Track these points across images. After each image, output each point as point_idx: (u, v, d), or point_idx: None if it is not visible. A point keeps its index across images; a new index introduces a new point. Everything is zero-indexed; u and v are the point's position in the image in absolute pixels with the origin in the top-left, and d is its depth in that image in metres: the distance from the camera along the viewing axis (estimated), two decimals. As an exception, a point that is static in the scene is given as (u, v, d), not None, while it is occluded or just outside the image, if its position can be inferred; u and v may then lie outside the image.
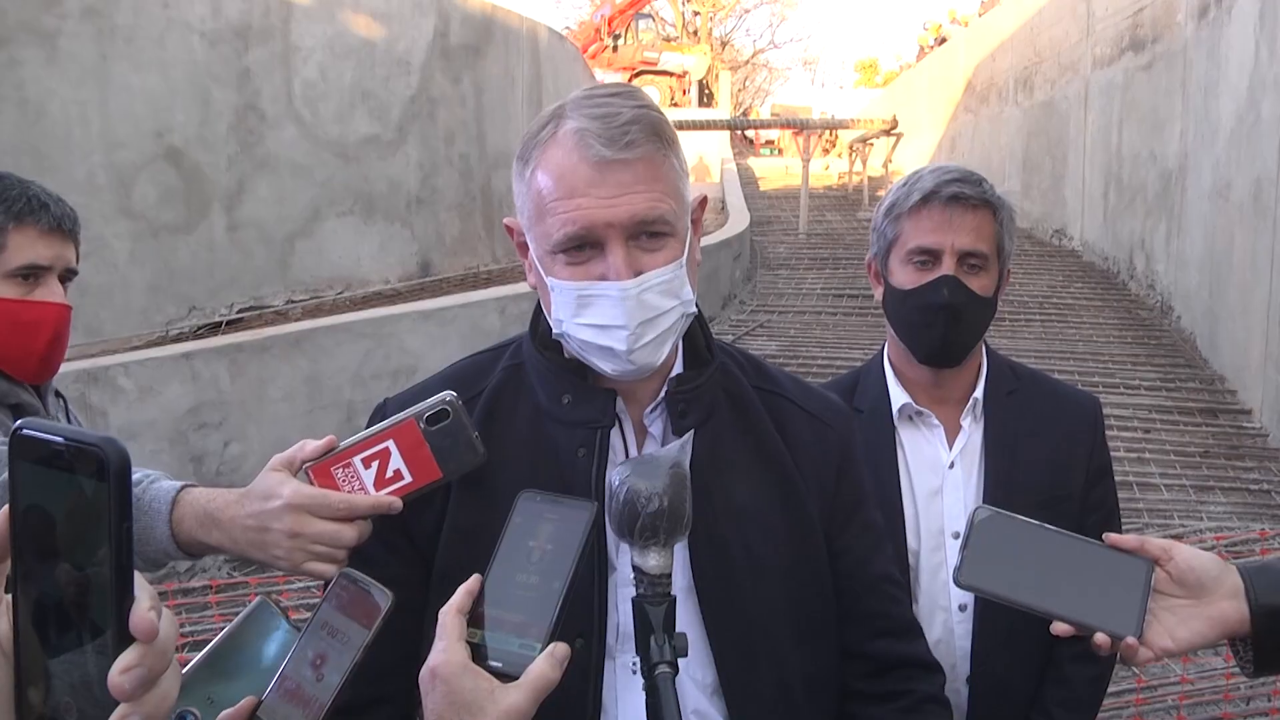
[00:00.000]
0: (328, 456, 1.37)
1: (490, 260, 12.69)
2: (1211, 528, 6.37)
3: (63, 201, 2.20)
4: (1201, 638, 1.43)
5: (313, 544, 1.33)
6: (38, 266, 2.12)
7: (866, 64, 53.33)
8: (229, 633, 1.24)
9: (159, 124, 8.93)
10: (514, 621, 1.20)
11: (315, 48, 10.22)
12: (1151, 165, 11.50)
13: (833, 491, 1.63)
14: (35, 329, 2.13)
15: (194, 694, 1.20)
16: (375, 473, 1.36)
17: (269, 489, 1.35)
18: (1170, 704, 4.54)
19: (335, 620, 1.22)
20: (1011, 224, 2.22)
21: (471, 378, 1.61)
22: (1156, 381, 9.23)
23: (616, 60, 37.19)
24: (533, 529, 1.25)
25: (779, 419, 1.64)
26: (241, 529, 1.36)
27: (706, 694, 1.51)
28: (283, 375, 7.24)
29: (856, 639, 1.61)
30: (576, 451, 1.49)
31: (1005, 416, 2.23)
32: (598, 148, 1.38)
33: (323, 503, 1.33)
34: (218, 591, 5.53)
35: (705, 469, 1.51)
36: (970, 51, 20.92)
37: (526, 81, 14.33)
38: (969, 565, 1.44)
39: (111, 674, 0.72)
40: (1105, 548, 1.46)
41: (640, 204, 1.40)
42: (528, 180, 1.46)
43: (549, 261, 1.46)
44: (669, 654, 1.23)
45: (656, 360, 1.46)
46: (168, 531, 1.42)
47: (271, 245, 9.86)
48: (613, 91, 1.46)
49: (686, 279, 1.47)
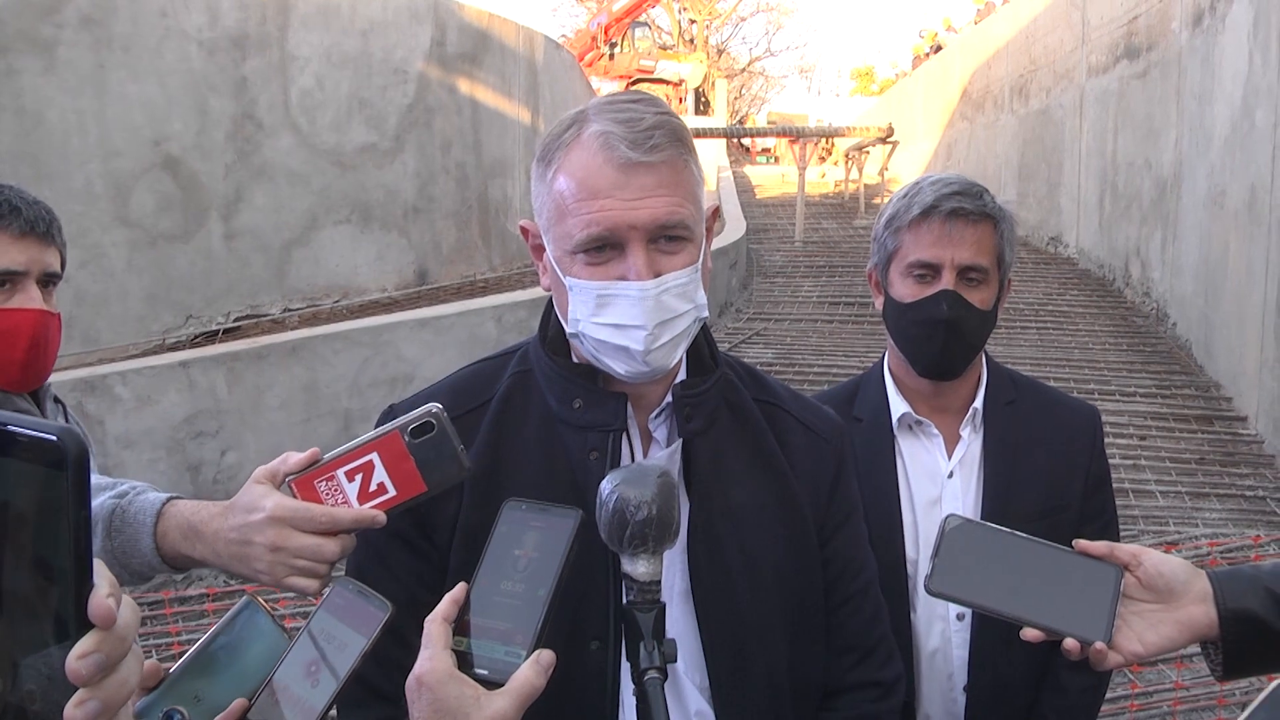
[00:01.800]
0: (311, 469, 1.36)
1: (487, 269, 12.70)
2: (1207, 534, 6.38)
3: (38, 204, 2.14)
4: (1170, 642, 1.44)
5: (294, 558, 1.32)
6: (11, 272, 2.08)
7: (862, 72, 53.42)
8: (216, 631, 1.23)
9: (156, 133, 8.94)
10: (499, 629, 1.20)
11: (312, 57, 10.24)
12: (1146, 173, 11.54)
13: (826, 503, 1.66)
14: (11, 337, 2.08)
15: (180, 692, 1.19)
16: (359, 486, 1.35)
17: (251, 502, 1.34)
18: (1165, 710, 4.56)
19: (332, 627, 1.23)
20: (1013, 235, 2.22)
21: (480, 385, 1.62)
22: (1152, 388, 9.25)
23: (613, 69, 37.20)
24: (518, 537, 1.25)
25: (777, 430, 1.66)
26: (224, 542, 1.35)
27: (706, 696, 1.54)
28: (280, 384, 7.25)
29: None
30: (589, 455, 1.51)
31: (1004, 426, 2.24)
32: (623, 150, 1.40)
33: (305, 516, 1.32)
34: (214, 600, 5.54)
35: (707, 475, 1.54)
36: (966, 59, 20.96)
37: (523, 90, 14.34)
38: (939, 573, 1.46)
39: (69, 659, 0.74)
40: (1075, 554, 1.48)
41: (662, 207, 1.42)
42: (549, 182, 1.47)
43: (568, 262, 1.47)
44: (658, 660, 1.25)
45: (670, 362, 1.48)
46: (152, 544, 1.41)
47: (268, 254, 9.87)
48: (635, 98, 1.49)
49: (700, 284, 1.49)
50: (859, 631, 1.67)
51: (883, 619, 1.73)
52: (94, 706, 0.76)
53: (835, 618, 1.65)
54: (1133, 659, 1.44)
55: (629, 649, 1.28)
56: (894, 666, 1.71)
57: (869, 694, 1.66)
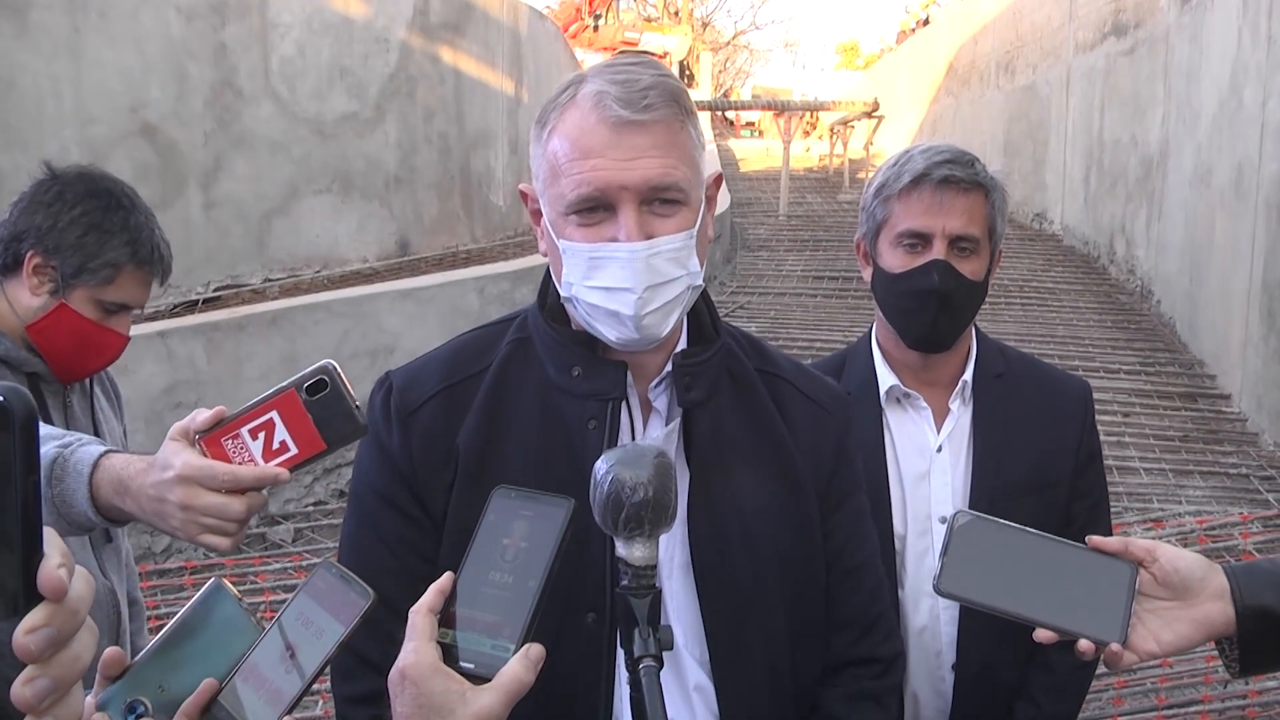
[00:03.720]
0: (218, 427, 1.35)
1: (469, 240, 12.63)
2: (1191, 512, 6.40)
3: (168, 247, 2.37)
4: (1187, 640, 1.41)
5: (202, 516, 1.32)
6: (127, 306, 2.30)
7: (848, 46, 53.28)
8: (182, 619, 1.19)
9: (133, 99, 8.81)
10: (487, 621, 1.16)
11: (293, 24, 10.11)
12: (1133, 150, 11.53)
13: (829, 476, 1.64)
14: (99, 352, 2.31)
15: (145, 682, 1.14)
16: (263, 444, 1.33)
17: (165, 460, 1.34)
18: (1150, 687, 4.56)
19: (312, 612, 1.18)
20: (1004, 205, 2.18)
21: (477, 352, 1.59)
22: (1136, 366, 9.26)
23: (597, 40, 37.00)
24: (507, 526, 1.21)
25: (780, 401, 1.64)
26: (146, 499, 1.36)
27: (706, 670, 1.52)
28: (259, 354, 7.18)
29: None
30: (587, 424, 1.49)
31: (994, 400, 2.20)
32: (616, 109, 1.38)
33: (208, 474, 1.31)
34: (193, 573, 5.49)
35: (707, 447, 1.52)
36: (952, 34, 20.91)
37: (507, 61, 14.23)
38: (948, 572, 1.41)
39: (16, 634, 0.70)
40: (1088, 551, 1.43)
41: (655, 169, 1.40)
42: (544, 143, 1.46)
43: (561, 224, 1.45)
44: (653, 648, 1.20)
45: (662, 330, 1.45)
46: (87, 495, 1.41)
47: (248, 223, 9.77)
48: (634, 61, 1.47)
49: (695, 251, 1.46)
50: (859, 607, 1.64)
51: (883, 596, 1.70)
52: (43, 684, 0.72)
53: (835, 593, 1.63)
54: (1148, 659, 1.41)
55: (623, 635, 1.23)
56: (893, 644, 1.69)
57: (868, 670, 1.64)
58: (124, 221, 2.26)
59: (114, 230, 2.24)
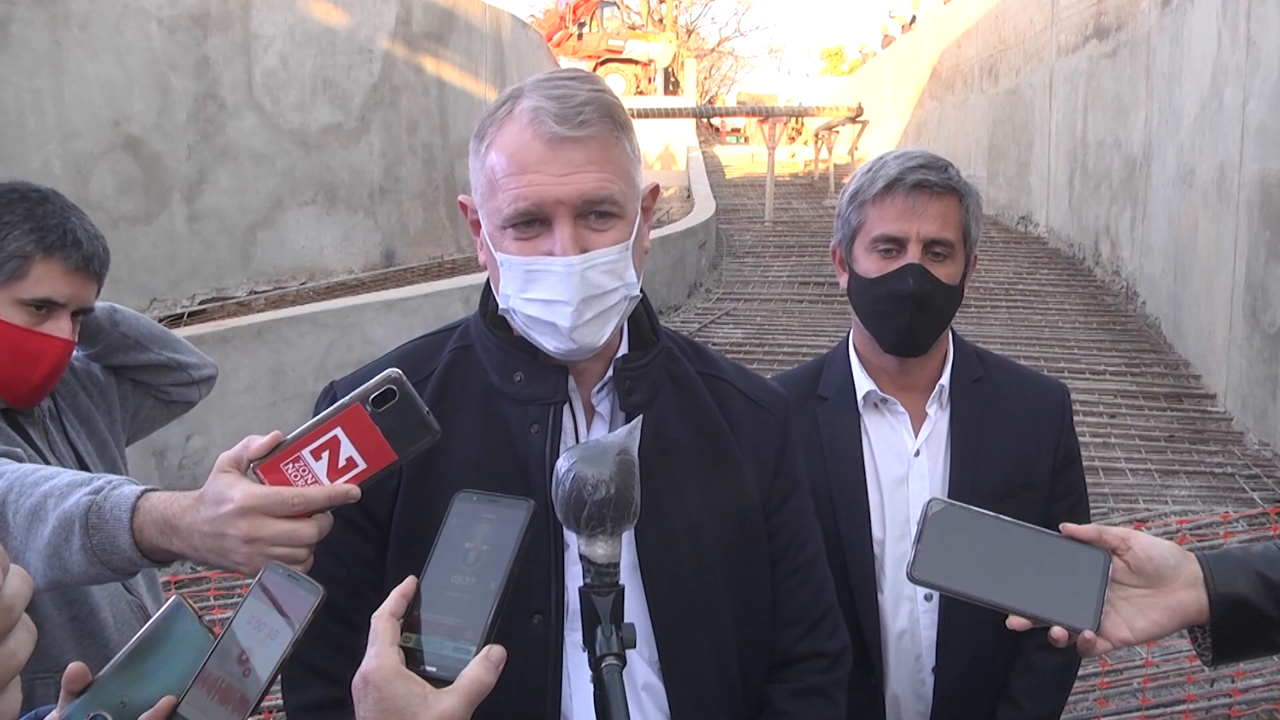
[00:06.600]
0: (275, 453, 1.30)
1: (454, 250, 12.62)
2: (1176, 511, 6.41)
3: (98, 239, 2.18)
4: (1160, 628, 1.41)
5: (271, 546, 1.26)
6: (53, 302, 2.10)
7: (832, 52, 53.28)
8: (143, 635, 1.19)
9: (116, 113, 8.80)
10: (449, 625, 1.16)
11: (275, 35, 10.11)
12: (1116, 152, 11.56)
13: (771, 475, 1.67)
14: (35, 360, 2.10)
15: (107, 697, 1.15)
16: (327, 463, 1.30)
17: (219, 493, 1.28)
18: (1135, 687, 4.57)
19: (263, 614, 1.18)
20: (978, 210, 2.18)
21: (421, 359, 1.61)
22: (1121, 367, 9.28)
23: (581, 48, 37.04)
24: (469, 530, 1.22)
25: (721, 402, 1.67)
26: (199, 535, 1.29)
27: (655, 670, 1.54)
28: (245, 367, 7.15)
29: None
30: (530, 429, 1.51)
31: (972, 404, 2.20)
32: (551, 125, 1.40)
33: (276, 501, 1.26)
34: (179, 588, 5.46)
35: (650, 449, 1.52)
36: (936, 39, 20.97)
37: (490, 69, 14.23)
38: (922, 560, 1.41)
39: None
40: (1062, 539, 1.44)
41: (590, 183, 1.42)
42: (482, 157, 1.48)
43: (499, 237, 1.47)
44: (615, 646, 1.21)
45: (598, 340, 1.47)
46: (130, 540, 1.34)
47: (233, 235, 9.75)
48: (570, 75, 1.50)
49: (631, 263, 1.49)
50: (805, 604, 1.67)
51: (829, 591, 1.72)
52: None
53: (781, 590, 1.65)
54: (1121, 646, 1.41)
55: (585, 634, 1.24)
56: (840, 638, 1.71)
57: (816, 665, 1.66)
58: (27, 212, 2.09)
59: (15, 222, 2.07)
